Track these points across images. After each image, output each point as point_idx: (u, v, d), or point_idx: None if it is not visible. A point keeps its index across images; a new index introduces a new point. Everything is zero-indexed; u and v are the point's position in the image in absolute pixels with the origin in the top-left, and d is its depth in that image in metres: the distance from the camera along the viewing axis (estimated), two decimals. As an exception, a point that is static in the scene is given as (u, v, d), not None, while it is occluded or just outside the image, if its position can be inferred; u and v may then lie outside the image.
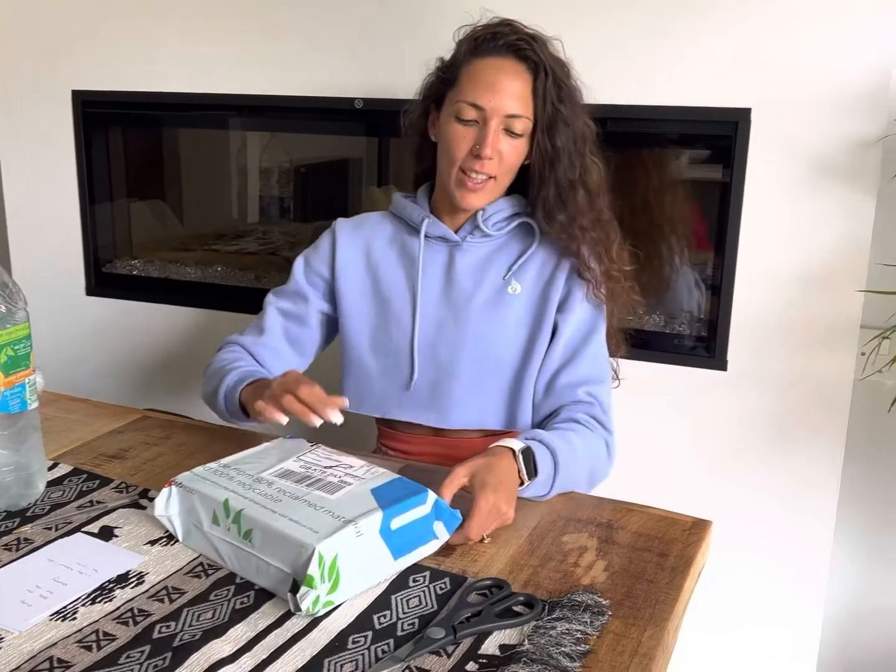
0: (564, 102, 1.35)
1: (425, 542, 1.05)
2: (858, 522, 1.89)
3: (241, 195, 2.40)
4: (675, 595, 1.00)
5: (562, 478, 1.22)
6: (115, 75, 2.13)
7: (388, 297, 1.44)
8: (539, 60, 1.33)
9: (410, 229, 1.46)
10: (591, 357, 1.39)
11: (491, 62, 1.34)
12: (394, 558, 1.01)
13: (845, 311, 1.62)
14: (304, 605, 0.92)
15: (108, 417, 1.47)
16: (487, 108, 1.32)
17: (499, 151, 1.34)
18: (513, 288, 1.40)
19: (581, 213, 1.37)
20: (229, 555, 1.02)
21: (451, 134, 1.35)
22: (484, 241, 1.43)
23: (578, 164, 1.37)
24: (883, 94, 1.53)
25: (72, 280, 2.30)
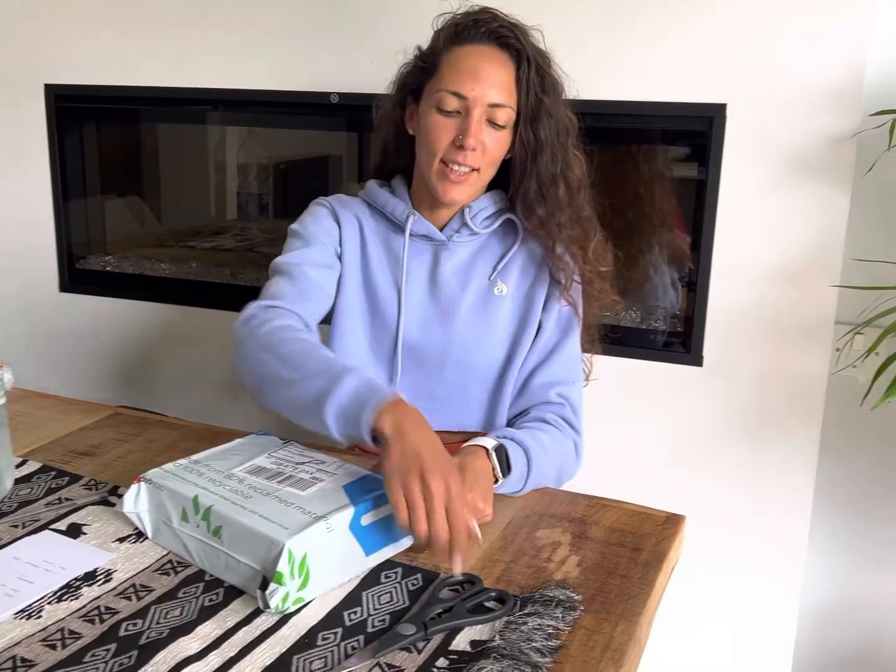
0: (548, 93, 1.31)
1: (397, 538, 1.04)
2: (833, 517, 1.89)
3: (218, 192, 2.38)
4: (648, 590, 1.00)
5: (534, 474, 1.22)
6: (89, 69, 2.10)
7: (376, 292, 1.39)
8: (522, 49, 1.29)
9: (393, 225, 1.41)
10: (565, 358, 1.38)
11: (473, 49, 1.29)
12: (365, 554, 1.01)
13: (820, 306, 1.62)
14: (273, 603, 0.91)
15: (78, 414, 1.45)
16: (470, 96, 1.27)
17: (482, 143, 1.29)
18: (499, 289, 1.38)
19: (560, 209, 1.34)
20: (198, 552, 1.01)
21: (431, 125, 1.30)
22: (469, 239, 1.39)
23: (560, 158, 1.33)
24: (857, 90, 1.54)
25: (45, 276, 2.27)
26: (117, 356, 2.24)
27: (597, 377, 1.54)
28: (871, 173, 1.62)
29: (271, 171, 2.29)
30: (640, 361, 1.76)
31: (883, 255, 1.62)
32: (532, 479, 1.22)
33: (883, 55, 1.64)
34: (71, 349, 2.29)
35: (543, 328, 1.38)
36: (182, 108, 2.09)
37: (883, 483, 1.85)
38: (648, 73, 1.65)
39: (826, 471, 1.83)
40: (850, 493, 1.87)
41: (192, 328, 2.13)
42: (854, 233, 1.64)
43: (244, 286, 2.09)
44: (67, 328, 2.28)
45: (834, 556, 1.92)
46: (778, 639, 1.78)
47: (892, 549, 1.88)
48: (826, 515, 1.88)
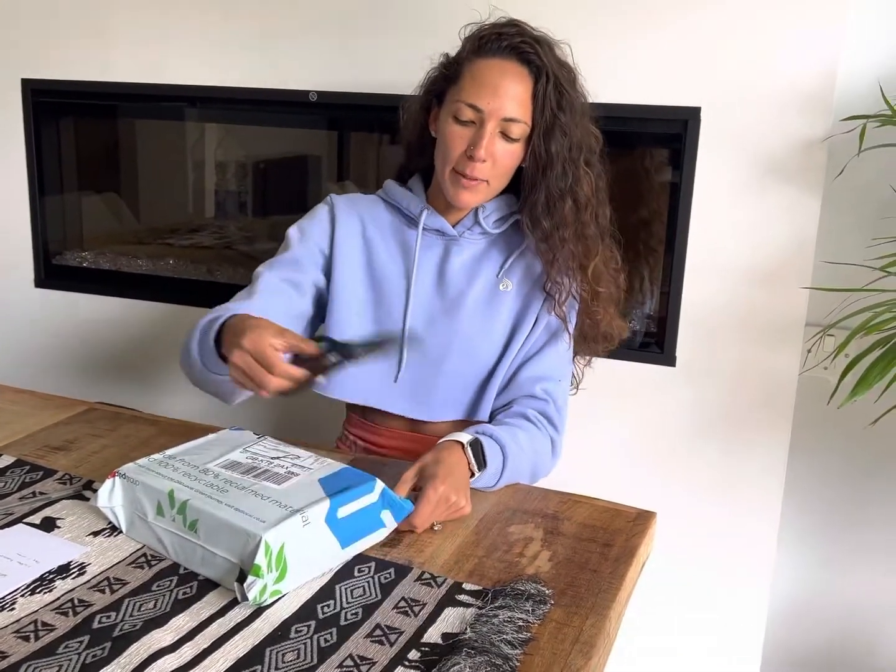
0: (564, 110, 1.33)
1: (373, 530, 1.05)
2: (802, 517, 1.92)
3: (196, 189, 2.38)
4: (618, 584, 1.02)
5: (509, 471, 1.24)
6: (67, 65, 2.09)
7: (381, 284, 1.42)
8: (542, 65, 1.31)
9: (407, 219, 1.44)
10: (554, 355, 1.41)
11: (494, 63, 1.32)
12: (341, 547, 1.02)
13: (791, 308, 1.65)
14: (251, 595, 0.92)
15: (53, 409, 1.45)
16: (486, 109, 1.30)
17: (492, 154, 1.32)
18: (504, 285, 1.41)
19: (565, 225, 1.36)
20: (174, 545, 1.01)
21: (447, 133, 1.33)
22: (480, 237, 1.43)
23: (571, 174, 1.35)
24: (828, 95, 1.56)
25: (20, 272, 2.26)
26: (93, 352, 2.24)
27: (586, 387, 1.56)
28: (841, 177, 1.64)
29: (250, 169, 2.29)
30: (614, 361, 1.77)
31: (852, 258, 1.64)
32: (507, 475, 1.24)
33: (854, 61, 1.67)
34: (46, 345, 2.28)
35: (538, 324, 1.40)
36: (160, 104, 2.09)
37: (851, 483, 1.88)
38: (623, 75, 1.66)
39: (795, 470, 1.86)
40: (818, 493, 1.90)
41: (168, 325, 2.13)
42: (825, 235, 1.67)
43: (221, 283, 2.09)
44: (43, 324, 2.27)
45: (802, 555, 1.95)
46: (747, 638, 1.81)
47: (859, 549, 1.91)
48: (795, 515, 1.91)
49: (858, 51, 1.67)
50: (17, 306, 2.28)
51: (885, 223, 1.68)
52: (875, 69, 1.67)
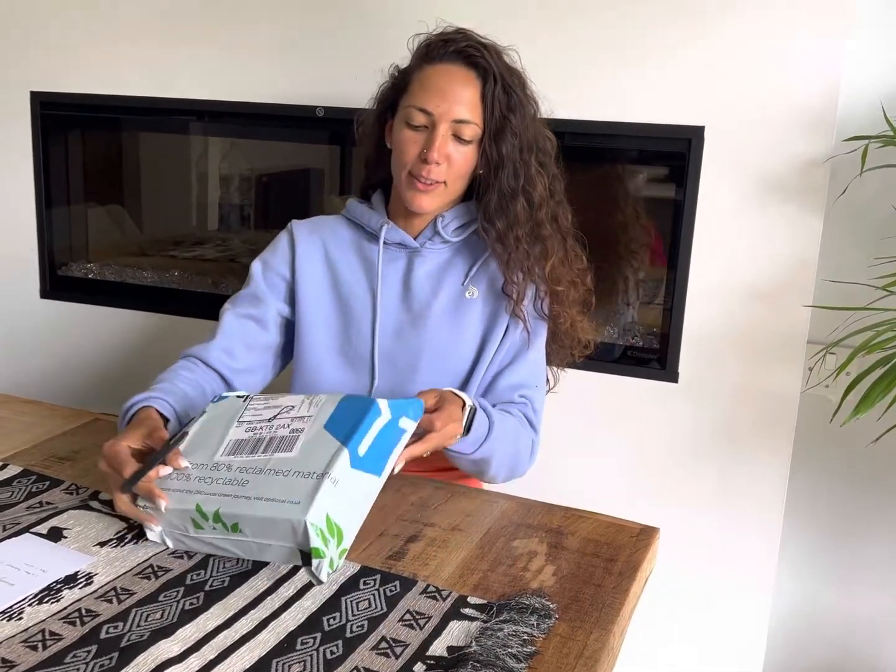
0: (514, 111, 1.36)
1: (397, 441, 1.06)
2: (802, 534, 1.92)
3: (200, 202, 2.39)
4: (622, 599, 1.02)
5: (488, 446, 1.26)
6: (75, 78, 2.12)
7: (348, 302, 1.44)
8: (489, 67, 1.34)
9: (368, 235, 1.46)
10: (530, 362, 1.42)
11: (441, 68, 1.35)
12: (378, 475, 1.02)
13: (793, 325, 1.66)
14: (323, 575, 0.94)
15: (60, 419, 1.45)
16: (436, 113, 1.33)
17: (446, 156, 1.34)
18: (470, 292, 1.42)
19: (518, 224, 1.38)
20: (229, 547, 1.02)
21: (401, 139, 1.36)
22: (442, 247, 1.44)
23: (523, 174, 1.37)
24: (831, 115, 1.58)
25: (26, 283, 2.27)
26: (98, 363, 2.24)
27: (557, 391, 1.56)
28: (843, 197, 1.66)
29: (254, 182, 2.30)
30: (617, 377, 1.79)
31: (854, 277, 1.65)
32: (485, 448, 1.26)
33: (856, 82, 1.69)
34: (52, 355, 2.29)
35: (511, 330, 1.41)
36: (166, 118, 2.10)
37: (852, 501, 1.88)
38: (629, 94, 1.68)
39: (796, 488, 1.86)
40: (819, 511, 1.91)
41: (173, 336, 2.14)
42: (827, 254, 1.68)
43: (225, 295, 2.09)
44: (48, 335, 2.28)
45: (803, 572, 1.95)
46: (748, 654, 1.81)
47: (860, 566, 1.91)
48: (796, 532, 1.91)
49: (860, 71, 1.69)
50: (22, 317, 2.29)
51: (886, 243, 1.70)
52: (877, 90, 1.69)
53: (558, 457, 1.82)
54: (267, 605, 0.96)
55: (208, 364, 1.40)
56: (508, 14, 1.71)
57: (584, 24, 1.68)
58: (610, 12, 1.66)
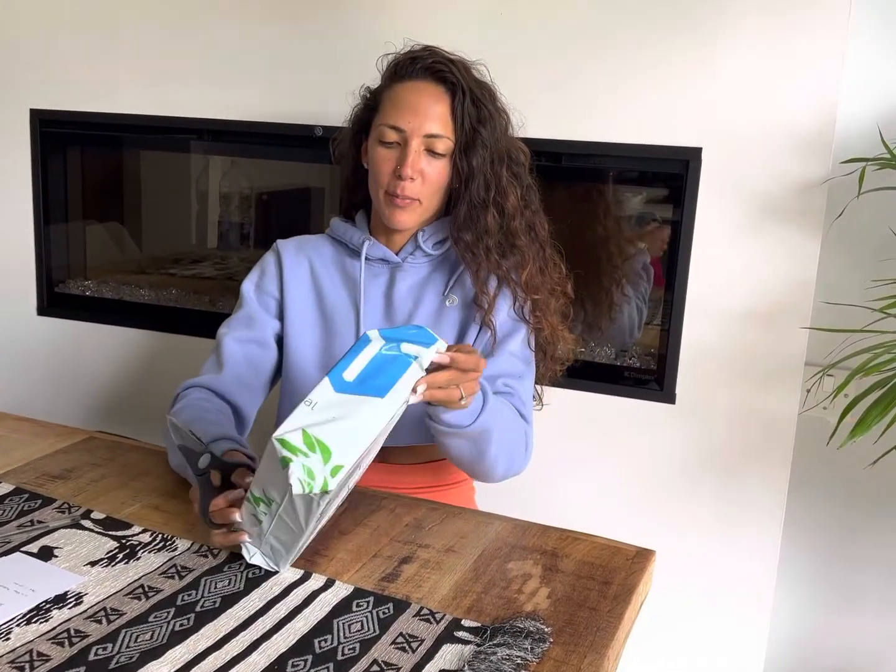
0: (484, 124, 1.37)
1: (407, 366, 1.02)
2: (800, 556, 1.91)
3: (200, 220, 2.39)
4: (617, 623, 1.01)
5: (486, 417, 1.22)
6: (75, 95, 2.12)
7: (332, 318, 1.45)
8: (457, 81, 1.36)
9: (351, 252, 1.48)
10: (508, 354, 1.40)
11: (410, 85, 1.37)
12: (381, 397, 0.99)
13: (790, 347, 1.65)
14: (292, 480, 0.92)
15: (53, 437, 1.45)
16: (407, 129, 1.35)
17: (420, 172, 1.36)
18: (450, 300, 1.43)
19: (488, 234, 1.38)
20: (287, 523, 1.01)
21: (375, 157, 1.39)
22: (424, 261, 1.45)
23: (494, 185, 1.39)
24: (828, 137, 1.58)
25: (23, 300, 2.27)
26: (94, 381, 2.24)
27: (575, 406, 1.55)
28: (840, 219, 1.66)
29: (253, 200, 2.31)
30: (614, 398, 1.78)
31: (852, 299, 1.65)
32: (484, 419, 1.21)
33: (854, 105, 1.69)
34: (48, 373, 2.28)
35: (482, 333, 1.40)
36: (166, 136, 2.11)
37: (850, 524, 1.87)
38: (627, 116, 1.69)
39: (794, 510, 1.85)
40: (817, 533, 1.90)
41: (170, 354, 2.13)
42: (824, 276, 1.68)
43: (223, 314, 2.09)
44: (45, 352, 2.28)
45: (802, 594, 1.93)
46: (746, 677, 1.79)
47: (859, 589, 1.90)
48: (793, 554, 1.90)
49: (857, 94, 1.70)
50: (19, 334, 2.29)
51: (884, 265, 1.70)
52: (874, 112, 1.69)
53: (554, 478, 1.82)
54: (258, 627, 0.95)
55: (223, 396, 1.40)
56: (508, 37, 1.72)
57: (583, 46, 1.69)
58: (608, 35, 1.67)
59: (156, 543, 1.11)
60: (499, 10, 1.73)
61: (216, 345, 1.45)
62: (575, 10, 1.69)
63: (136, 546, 1.10)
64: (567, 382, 1.71)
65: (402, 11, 1.81)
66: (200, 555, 1.09)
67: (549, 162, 1.73)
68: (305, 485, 0.93)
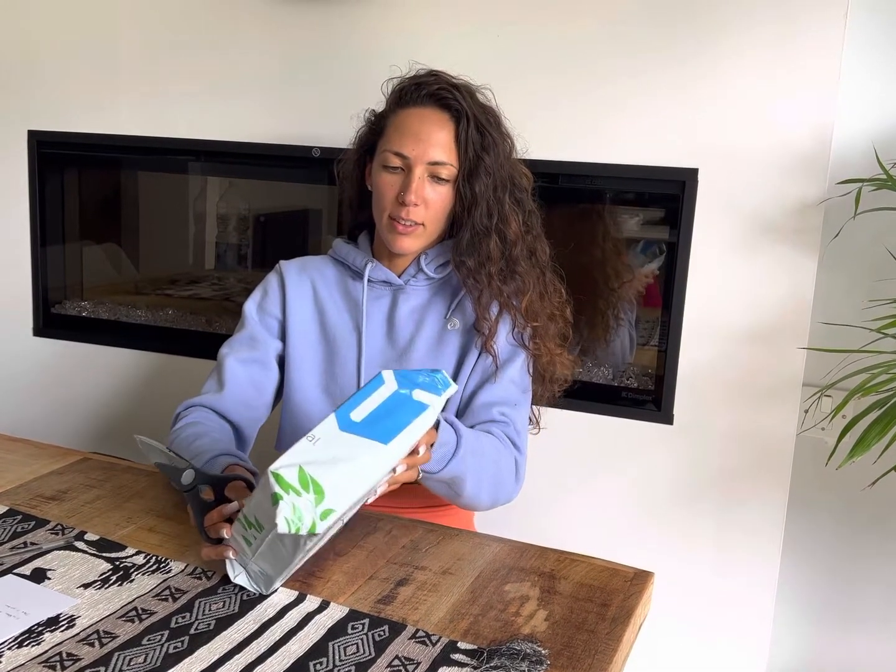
0: (488, 150, 1.37)
1: (416, 414, 1.02)
2: (799, 578, 1.90)
3: (197, 241, 2.39)
4: (615, 645, 1.00)
5: (457, 464, 1.20)
6: (72, 117, 2.13)
7: (334, 340, 1.45)
8: (461, 108, 1.36)
9: (354, 273, 1.48)
10: (507, 381, 1.40)
11: (415, 112, 1.38)
12: (385, 443, 0.98)
13: (788, 368, 1.65)
14: (279, 520, 0.92)
15: (47, 458, 1.44)
16: (411, 156, 1.36)
17: (424, 198, 1.37)
18: (452, 324, 1.43)
19: (491, 261, 1.38)
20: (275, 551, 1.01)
21: (379, 182, 1.39)
22: (426, 284, 1.45)
23: (497, 212, 1.38)
24: (824, 158, 1.58)
25: (19, 320, 2.26)
26: (90, 401, 2.23)
27: (549, 432, 1.55)
28: (837, 240, 1.66)
29: (251, 222, 2.31)
30: (612, 418, 1.78)
31: (849, 319, 1.65)
32: (454, 466, 1.20)
33: (849, 125, 1.70)
34: (43, 393, 2.27)
35: (482, 358, 1.40)
36: (164, 157, 2.11)
37: (849, 543, 1.86)
38: (623, 136, 1.69)
39: (792, 531, 1.84)
40: (816, 553, 1.89)
41: (166, 375, 2.13)
42: (821, 296, 1.68)
43: (219, 334, 2.09)
44: (41, 372, 2.27)
45: (801, 615, 1.92)
46: (746, 701, 1.78)
47: (859, 610, 1.88)
48: (792, 575, 1.89)
49: (853, 115, 1.70)
50: (15, 354, 2.28)
51: (880, 285, 1.70)
52: (870, 133, 1.70)
53: (552, 499, 1.81)
54: (252, 650, 0.94)
55: (224, 416, 1.41)
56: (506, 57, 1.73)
57: (580, 67, 1.70)
58: (605, 56, 1.68)
59: (150, 565, 1.10)
60: (497, 31, 1.74)
61: (217, 365, 1.45)
62: (572, 32, 1.70)
63: (130, 568, 1.09)
64: (564, 403, 1.70)
65: (401, 33, 1.82)
66: (194, 577, 1.08)
67: (546, 182, 1.74)
68: (292, 525, 0.92)
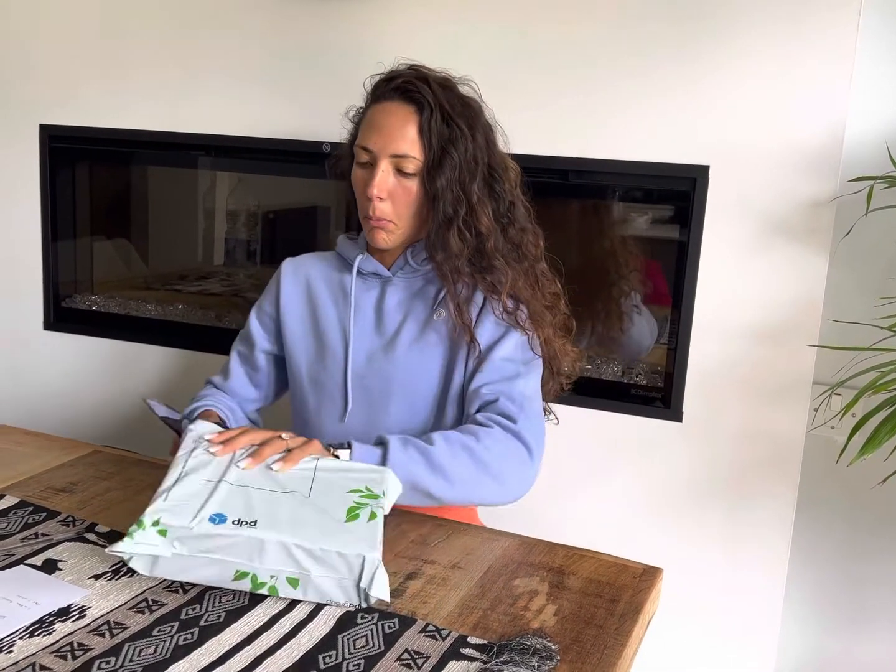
0: (455, 143, 1.36)
1: None
2: (808, 575, 1.90)
3: (207, 237, 2.40)
4: (624, 641, 1.00)
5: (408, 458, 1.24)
6: (83, 111, 2.13)
7: (325, 332, 1.47)
8: (424, 100, 1.35)
9: (348, 266, 1.50)
10: (499, 360, 1.38)
11: (382, 106, 1.38)
12: None
13: (798, 366, 1.64)
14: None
15: (58, 451, 1.45)
16: (375, 149, 1.36)
17: (387, 191, 1.36)
18: (438, 314, 1.43)
19: (457, 255, 1.37)
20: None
21: (353, 178, 1.42)
22: (414, 275, 1.46)
23: (464, 205, 1.37)
24: (836, 156, 1.58)
25: (30, 314, 2.27)
26: (100, 395, 2.24)
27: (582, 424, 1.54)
28: (848, 237, 1.66)
29: (260, 217, 2.31)
30: (621, 415, 1.77)
31: (860, 317, 1.65)
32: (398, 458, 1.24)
33: (861, 123, 1.70)
34: (54, 387, 2.28)
35: (476, 342, 1.39)
36: (174, 152, 2.11)
37: (858, 542, 1.86)
38: (634, 133, 1.69)
39: (802, 529, 1.84)
40: (825, 552, 1.88)
41: (176, 370, 2.13)
42: (832, 294, 1.67)
43: (229, 329, 2.10)
44: (51, 366, 2.28)
45: (809, 613, 1.92)
46: (753, 699, 1.77)
47: (867, 609, 1.88)
48: (801, 573, 1.89)
49: (866, 112, 1.70)
50: (26, 348, 2.29)
51: (892, 283, 1.69)
52: (882, 131, 1.69)
53: (561, 495, 1.81)
54: (262, 642, 0.94)
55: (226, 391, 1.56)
56: (518, 55, 1.73)
57: (591, 65, 1.70)
58: (617, 53, 1.68)
59: (160, 557, 1.10)
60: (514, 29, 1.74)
61: (233, 347, 1.59)
62: (584, 30, 1.69)
63: (141, 560, 1.09)
64: (573, 399, 1.70)
65: (412, 30, 1.81)
66: (205, 569, 1.08)
67: (556, 178, 1.74)
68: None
